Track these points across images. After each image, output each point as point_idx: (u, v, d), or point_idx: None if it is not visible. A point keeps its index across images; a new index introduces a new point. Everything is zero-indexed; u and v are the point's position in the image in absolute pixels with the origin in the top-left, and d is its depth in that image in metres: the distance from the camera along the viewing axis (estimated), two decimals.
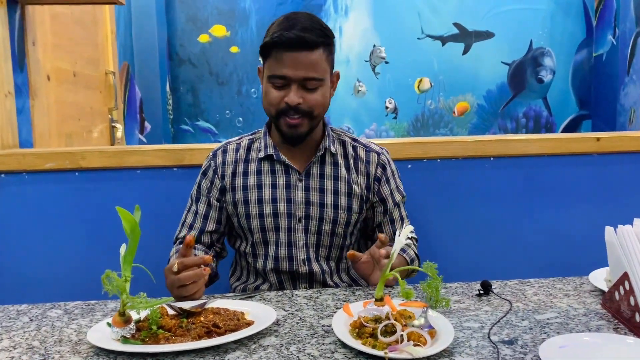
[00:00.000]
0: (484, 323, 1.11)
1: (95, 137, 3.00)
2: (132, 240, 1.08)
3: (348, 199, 1.50)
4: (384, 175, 1.55)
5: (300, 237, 1.49)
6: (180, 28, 4.53)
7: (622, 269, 1.08)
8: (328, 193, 1.49)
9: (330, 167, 1.51)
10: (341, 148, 1.54)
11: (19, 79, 2.16)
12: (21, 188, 1.84)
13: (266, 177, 1.49)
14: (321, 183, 1.50)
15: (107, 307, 1.27)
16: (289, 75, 1.37)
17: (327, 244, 1.51)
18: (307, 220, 1.49)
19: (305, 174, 1.49)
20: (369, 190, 1.54)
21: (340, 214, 1.50)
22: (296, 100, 1.38)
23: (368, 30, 4.63)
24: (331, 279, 1.54)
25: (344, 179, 1.51)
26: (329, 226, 1.49)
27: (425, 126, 4.73)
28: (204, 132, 4.62)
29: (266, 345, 1.03)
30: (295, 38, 1.34)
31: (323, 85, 1.42)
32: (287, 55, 1.36)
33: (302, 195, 1.48)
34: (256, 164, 1.51)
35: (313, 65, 1.37)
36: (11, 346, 1.06)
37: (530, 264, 1.94)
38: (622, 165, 1.95)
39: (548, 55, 4.66)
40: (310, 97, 1.39)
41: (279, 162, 1.49)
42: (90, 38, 3.05)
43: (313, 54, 1.37)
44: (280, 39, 1.34)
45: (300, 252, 1.49)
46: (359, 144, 1.57)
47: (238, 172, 1.52)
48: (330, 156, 1.51)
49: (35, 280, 1.85)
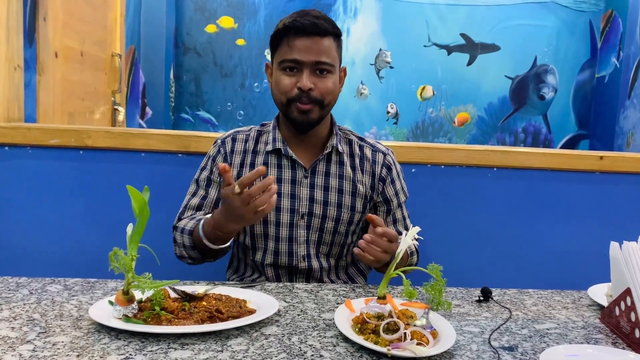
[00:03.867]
0: (484, 328, 1.12)
1: (97, 118, 2.98)
2: (140, 220, 1.07)
3: (352, 198, 1.51)
4: (389, 176, 1.56)
5: (301, 233, 1.49)
6: (189, 17, 4.52)
7: (624, 284, 1.09)
8: (332, 191, 1.50)
9: (336, 166, 1.51)
10: (347, 147, 1.55)
11: (28, 54, 2.14)
12: (24, 162, 1.83)
13: (272, 170, 1.49)
14: (326, 181, 1.50)
15: (108, 285, 1.26)
16: (302, 59, 1.39)
17: (329, 242, 1.52)
18: (310, 217, 1.49)
19: (311, 170, 1.49)
20: (374, 190, 1.54)
21: (343, 213, 1.50)
22: (308, 84, 1.38)
23: (375, 33, 4.65)
24: (328, 276, 1.54)
25: (349, 178, 1.51)
26: (331, 224, 1.50)
27: (425, 134, 4.75)
28: (204, 122, 4.61)
29: (268, 334, 1.03)
30: (309, 24, 1.38)
31: (334, 73, 1.43)
32: (300, 40, 1.39)
33: (307, 192, 1.48)
34: (263, 156, 1.50)
35: (325, 51, 1.40)
36: (11, 317, 1.05)
37: (528, 274, 1.96)
38: (623, 185, 1.97)
39: (551, 73, 4.70)
40: (322, 83, 1.40)
41: (286, 157, 1.49)
42: (100, 19, 3.04)
43: (324, 40, 1.40)
44: (294, 24, 1.38)
45: (301, 248, 1.49)
46: (365, 144, 1.57)
47: (246, 162, 1.51)
48: (337, 155, 1.51)
49: (34, 255, 1.84)
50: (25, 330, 0.99)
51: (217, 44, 4.57)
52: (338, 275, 1.57)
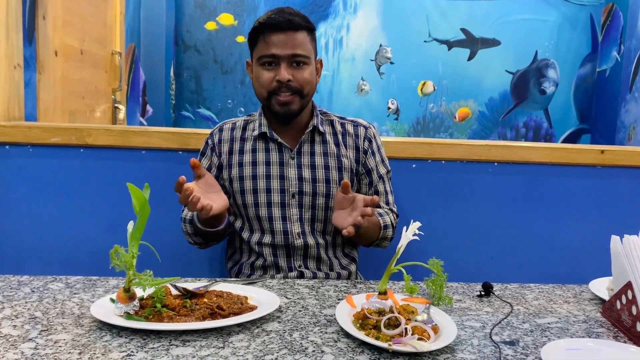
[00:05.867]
0: (485, 323, 1.12)
1: (97, 117, 2.98)
2: (141, 218, 1.07)
3: (339, 172, 1.57)
4: (370, 148, 1.62)
5: (294, 212, 1.55)
6: (188, 14, 4.51)
7: (625, 278, 1.09)
8: (319, 169, 1.56)
9: (320, 145, 1.58)
10: (330, 127, 1.62)
11: (27, 52, 2.14)
12: (25, 161, 1.83)
13: (260, 154, 1.56)
14: (312, 160, 1.57)
15: (109, 283, 1.26)
16: (278, 54, 1.46)
17: (322, 218, 1.57)
18: (301, 196, 1.55)
19: (296, 152, 1.56)
20: (358, 163, 1.61)
21: (332, 188, 1.56)
22: (287, 76, 1.47)
23: (375, 29, 4.63)
24: (326, 253, 1.58)
25: (334, 154, 1.58)
26: (322, 200, 1.55)
27: (426, 129, 4.74)
28: (205, 119, 4.61)
29: (269, 330, 1.03)
30: (283, 20, 1.46)
31: (309, 64, 1.51)
32: (275, 36, 1.46)
33: (295, 172, 1.55)
34: (251, 142, 1.58)
35: (299, 44, 1.48)
36: (13, 315, 1.05)
37: (529, 269, 1.95)
38: (624, 179, 1.97)
39: (552, 67, 4.68)
40: (299, 74, 1.49)
41: (272, 140, 1.57)
42: (100, 17, 3.03)
43: (299, 35, 1.48)
44: (268, 21, 1.47)
45: (295, 226, 1.55)
46: (346, 121, 1.65)
47: (234, 149, 1.59)
48: (320, 135, 1.59)
49: (36, 253, 1.84)
50: (27, 328, 1.00)
51: (217, 41, 4.56)
52: (335, 252, 1.61)
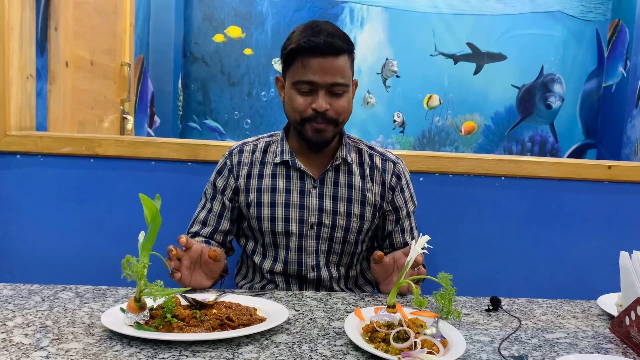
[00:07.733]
0: (493, 338, 1.12)
1: (106, 127, 3.01)
2: (152, 228, 1.08)
3: (361, 207, 1.50)
4: (398, 185, 1.55)
5: (311, 244, 1.49)
6: (197, 26, 4.56)
7: (635, 294, 1.09)
8: (341, 201, 1.49)
9: (344, 175, 1.51)
10: (357, 156, 1.54)
11: (39, 63, 2.17)
12: (36, 170, 1.85)
13: (280, 181, 1.49)
14: (335, 191, 1.49)
15: (119, 293, 1.27)
16: (317, 81, 1.37)
17: (339, 251, 1.52)
18: (320, 227, 1.48)
19: (319, 181, 1.49)
20: (383, 198, 1.54)
21: (352, 222, 1.50)
22: (324, 106, 1.37)
23: (382, 42, 4.67)
24: (338, 285, 1.55)
25: (358, 187, 1.51)
26: (341, 233, 1.50)
27: (432, 142, 4.75)
28: (212, 130, 4.63)
29: (278, 342, 1.03)
30: (324, 43, 1.34)
31: (348, 92, 1.42)
32: (315, 60, 1.36)
33: (316, 202, 1.48)
34: (272, 167, 1.51)
35: (340, 71, 1.38)
36: (24, 323, 1.06)
37: (536, 284, 1.95)
38: (632, 195, 1.97)
39: (558, 82, 4.70)
40: (337, 103, 1.40)
41: (294, 168, 1.49)
42: (110, 28, 3.07)
43: (339, 60, 1.38)
44: (308, 44, 1.35)
45: (310, 259, 1.50)
46: (375, 152, 1.57)
47: (253, 173, 1.52)
48: (345, 165, 1.51)
49: (46, 262, 1.85)
50: (38, 337, 1.00)
51: (225, 53, 4.60)
52: (347, 284, 1.57)
